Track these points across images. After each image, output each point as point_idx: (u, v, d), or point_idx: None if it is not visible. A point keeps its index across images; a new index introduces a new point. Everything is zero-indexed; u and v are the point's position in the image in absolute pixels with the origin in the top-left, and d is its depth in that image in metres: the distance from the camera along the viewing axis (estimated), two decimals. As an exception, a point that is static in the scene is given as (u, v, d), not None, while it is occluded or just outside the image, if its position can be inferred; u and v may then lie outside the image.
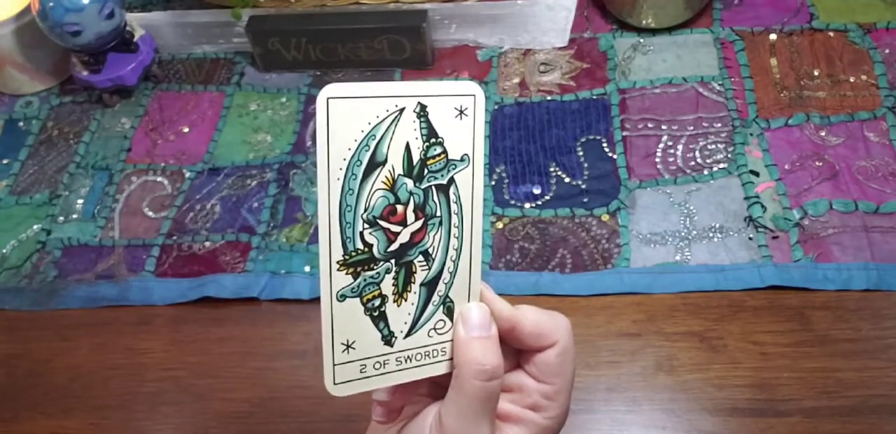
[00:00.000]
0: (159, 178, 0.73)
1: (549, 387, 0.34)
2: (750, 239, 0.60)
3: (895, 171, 0.63)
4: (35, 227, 0.71)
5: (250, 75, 0.81)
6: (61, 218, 0.71)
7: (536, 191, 0.66)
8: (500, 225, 0.65)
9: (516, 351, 0.35)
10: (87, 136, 0.78)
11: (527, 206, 0.66)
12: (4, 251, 0.70)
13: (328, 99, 0.29)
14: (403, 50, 0.76)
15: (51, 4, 0.70)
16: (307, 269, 0.64)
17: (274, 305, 0.63)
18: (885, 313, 0.56)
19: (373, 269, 0.31)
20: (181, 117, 0.78)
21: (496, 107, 0.73)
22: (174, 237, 0.68)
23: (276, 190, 0.70)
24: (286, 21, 0.76)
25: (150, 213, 0.71)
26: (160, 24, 0.81)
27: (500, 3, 0.75)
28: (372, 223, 0.31)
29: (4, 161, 0.78)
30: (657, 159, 0.67)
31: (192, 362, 0.60)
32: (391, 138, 0.31)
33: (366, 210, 0.31)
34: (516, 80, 0.75)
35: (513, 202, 0.66)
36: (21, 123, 0.81)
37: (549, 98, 0.73)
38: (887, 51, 0.71)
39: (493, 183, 0.67)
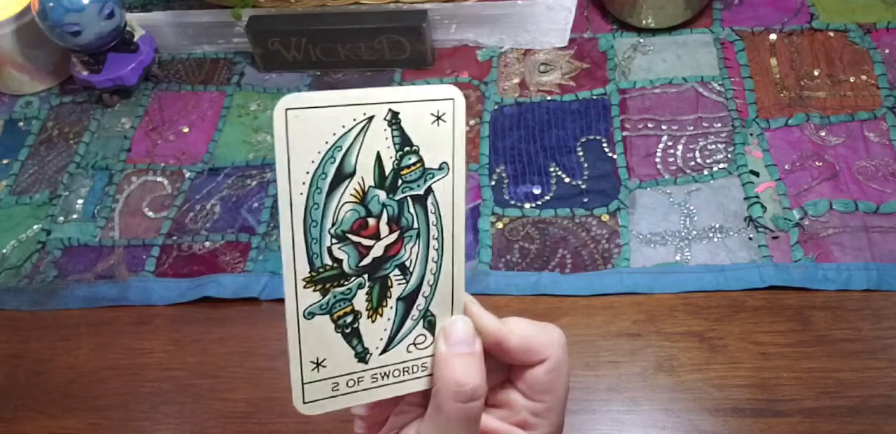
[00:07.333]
0: (159, 178, 0.73)
1: (539, 404, 0.32)
2: (750, 239, 0.60)
3: (895, 171, 0.63)
4: (35, 227, 0.71)
5: (250, 75, 0.81)
6: (61, 218, 0.71)
7: (536, 191, 0.66)
8: (500, 225, 0.65)
9: (507, 365, 0.33)
10: (87, 136, 0.78)
11: (527, 206, 0.66)
12: (4, 251, 0.70)
13: (286, 110, 0.27)
14: (403, 50, 0.76)
15: (51, 4, 0.70)
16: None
17: (274, 305, 0.63)
18: (885, 313, 0.56)
19: (343, 285, 0.30)
20: (181, 117, 0.78)
21: (496, 107, 0.73)
22: (174, 237, 0.68)
23: (276, 190, 0.70)
24: (286, 21, 0.76)
25: (150, 213, 0.71)
26: (160, 24, 0.81)
27: (500, 3, 0.75)
28: (341, 238, 0.29)
29: (4, 161, 0.78)
30: (657, 159, 0.67)
31: (192, 362, 0.60)
32: (360, 149, 0.29)
33: (333, 224, 0.29)
34: (516, 80, 0.75)
35: (513, 202, 0.66)
36: (21, 123, 0.81)
37: (549, 98, 0.73)
38: (887, 51, 0.71)
39: (493, 183, 0.67)
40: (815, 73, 0.70)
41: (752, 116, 0.68)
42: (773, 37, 0.74)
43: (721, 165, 0.65)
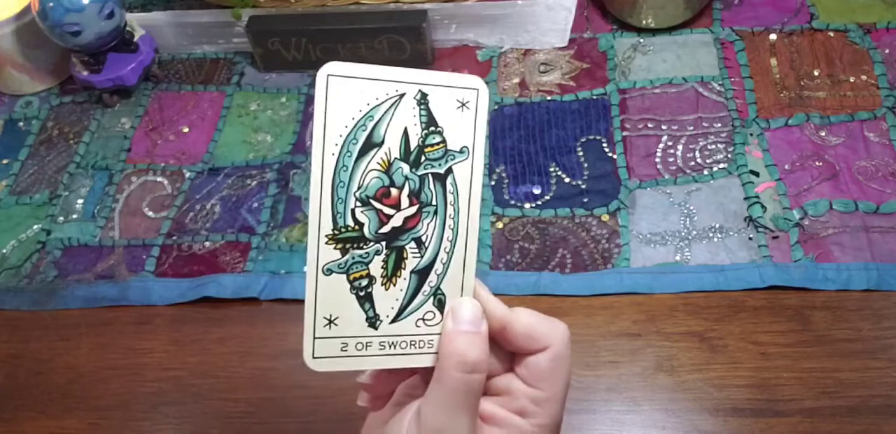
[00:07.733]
0: (159, 178, 0.73)
1: (539, 392, 0.33)
2: (750, 239, 0.60)
3: (895, 171, 0.63)
4: (35, 227, 0.71)
5: (250, 75, 0.81)
6: (61, 218, 0.71)
7: (536, 191, 0.66)
8: (500, 225, 0.65)
9: (510, 356, 0.34)
10: (87, 136, 0.78)
11: (527, 206, 0.66)
12: (4, 251, 0.70)
13: (328, 76, 0.30)
14: (403, 50, 0.76)
15: (51, 4, 0.70)
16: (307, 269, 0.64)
17: (274, 305, 0.63)
18: (885, 313, 0.56)
19: (362, 249, 0.32)
20: (181, 117, 0.78)
21: (496, 107, 0.73)
22: (174, 237, 0.68)
23: (276, 190, 0.70)
24: (286, 21, 0.76)
25: (150, 213, 0.71)
26: (160, 24, 0.81)
27: (500, 3, 0.75)
28: (364, 202, 0.31)
29: (4, 161, 0.78)
30: (657, 159, 0.67)
31: (192, 362, 0.60)
32: (389, 121, 0.31)
33: (359, 188, 0.31)
34: (516, 80, 0.75)
35: (513, 202, 0.66)
36: (21, 123, 0.81)
37: (549, 98, 0.73)
38: (887, 51, 0.71)
39: (493, 183, 0.67)
40: (815, 73, 0.70)
41: (752, 116, 0.68)
42: (773, 37, 0.74)
43: (721, 165, 0.65)
